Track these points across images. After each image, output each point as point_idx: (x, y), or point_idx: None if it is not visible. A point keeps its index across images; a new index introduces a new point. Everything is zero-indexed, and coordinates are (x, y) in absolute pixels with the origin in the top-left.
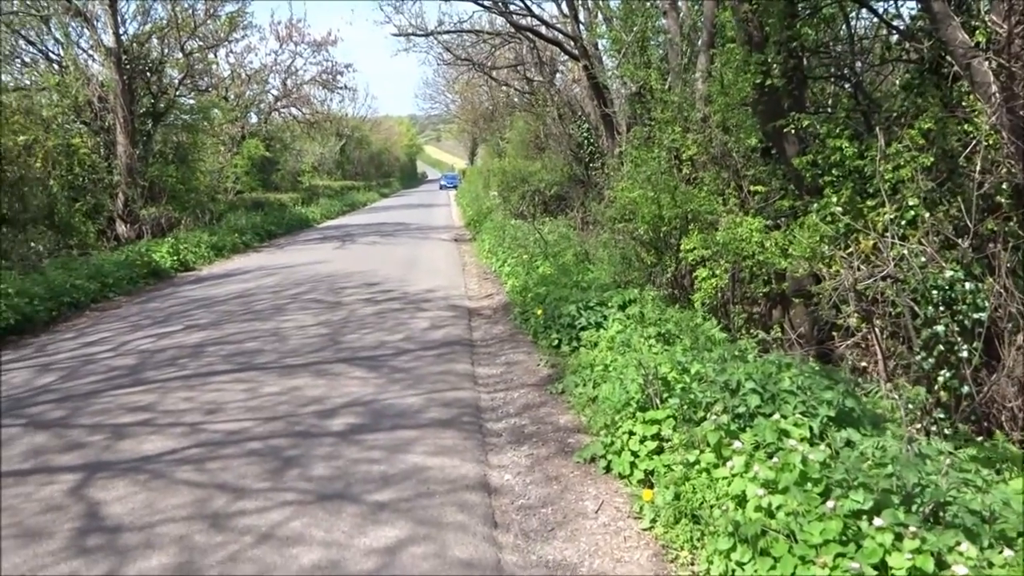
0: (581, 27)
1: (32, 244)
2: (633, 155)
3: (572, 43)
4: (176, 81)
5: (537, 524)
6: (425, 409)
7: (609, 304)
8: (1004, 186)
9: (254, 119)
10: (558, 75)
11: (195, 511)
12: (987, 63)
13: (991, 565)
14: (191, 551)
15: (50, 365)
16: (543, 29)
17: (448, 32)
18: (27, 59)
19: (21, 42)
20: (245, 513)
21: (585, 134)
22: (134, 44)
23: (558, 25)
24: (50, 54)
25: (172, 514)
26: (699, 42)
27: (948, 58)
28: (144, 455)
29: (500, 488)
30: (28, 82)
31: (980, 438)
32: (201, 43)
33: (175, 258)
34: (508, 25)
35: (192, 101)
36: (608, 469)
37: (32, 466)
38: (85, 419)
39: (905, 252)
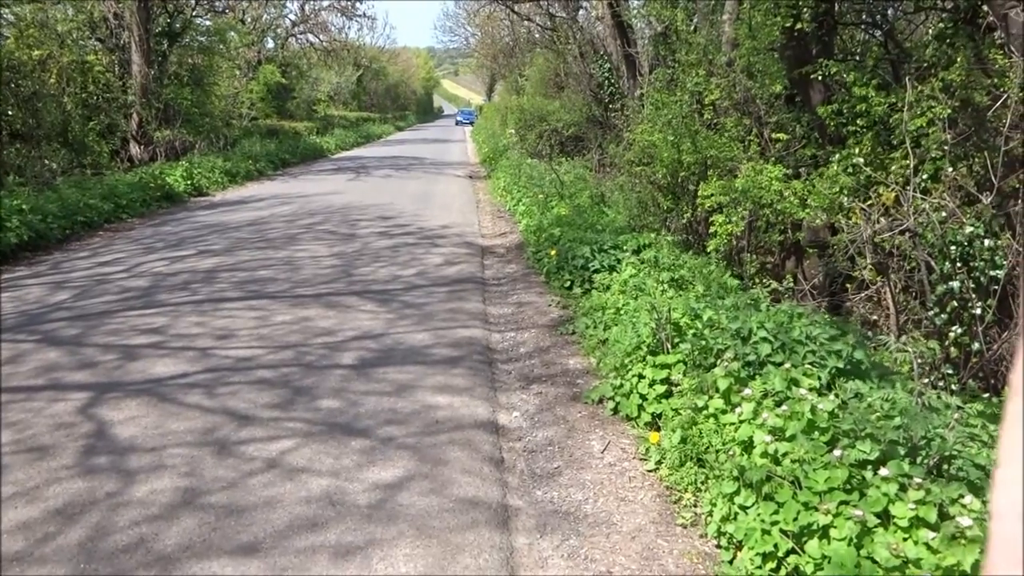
0: None
1: (46, 161)
2: (655, 98)
3: None
4: (192, 0)
5: (543, 462)
6: (435, 346)
7: (623, 247)
8: None
9: (270, 44)
10: (581, 12)
11: (204, 436)
12: None
13: None
14: (198, 475)
15: (64, 283)
16: None
17: None
18: None
19: None
20: (253, 440)
21: (606, 74)
22: None
23: None
24: None
25: (181, 437)
26: None
27: (984, 7)
28: (155, 377)
29: (507, 426)
30: None
31: (987, 395)
32: None
33: (189, 182)
34: None
35: (208, 22)
36: (616, 411)
37: (43, 382)
38: (97, 338)
39: (926, 206)
